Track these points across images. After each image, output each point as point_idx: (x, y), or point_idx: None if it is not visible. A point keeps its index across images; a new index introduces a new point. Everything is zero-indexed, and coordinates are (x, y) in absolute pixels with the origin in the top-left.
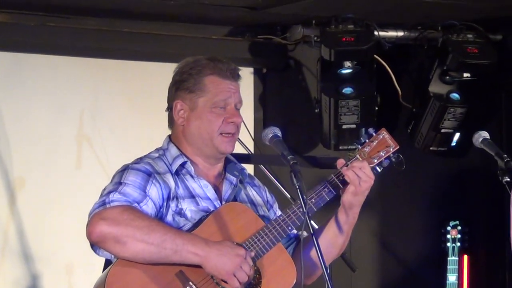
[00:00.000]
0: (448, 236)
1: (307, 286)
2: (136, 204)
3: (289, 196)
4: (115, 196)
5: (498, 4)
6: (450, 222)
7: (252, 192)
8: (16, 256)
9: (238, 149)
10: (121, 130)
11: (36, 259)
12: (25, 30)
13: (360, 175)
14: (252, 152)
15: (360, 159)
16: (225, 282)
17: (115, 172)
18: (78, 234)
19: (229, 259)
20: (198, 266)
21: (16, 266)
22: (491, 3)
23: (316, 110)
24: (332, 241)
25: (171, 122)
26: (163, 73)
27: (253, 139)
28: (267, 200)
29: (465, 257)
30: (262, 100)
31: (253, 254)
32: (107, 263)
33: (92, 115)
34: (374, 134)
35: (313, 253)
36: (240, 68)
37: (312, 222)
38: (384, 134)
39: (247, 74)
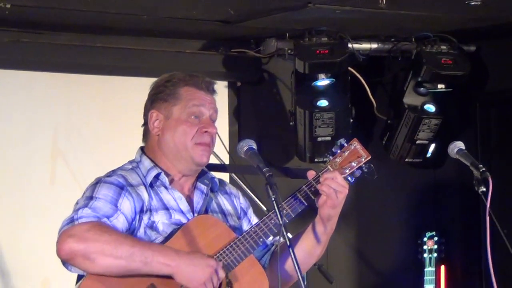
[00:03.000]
0: (425, 247)
1: None
2: (105, 219)
3: (264, 208)
4: (84, 212)
5: (471, 16)
6: (427, 233)
7: (223, 201)
8: None
9: (213, 161)
10: (95, 145)
11: (12, 275)
12: None
13: (334, 187)
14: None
15: (331, 169)
16: None
17: (88, 185)
18: (53, 250)
19: (200, 269)
20: (169, 277)
21: None
22: (464, 14)
23: (291, 123)
24: (309, 251)
25: (146, 135)
26: (137, 87)
27: (228, 152)
28: (241, 207)
29: (442, 267)
30: (236, 114)
31: (221, 264)
32: (80, 278)
33: (66, 130)
34: (345, 144)
35: (289, 262)
36: (216, 82)
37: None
38: (355, 144)
39: (221, 88)
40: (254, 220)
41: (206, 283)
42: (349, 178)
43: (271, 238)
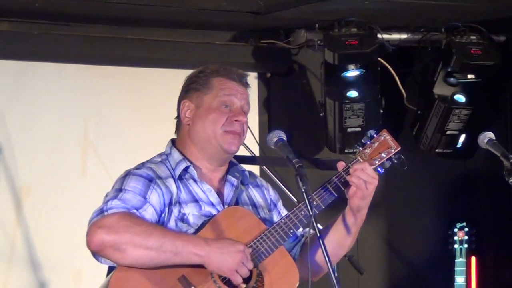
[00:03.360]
0: (456, 237)
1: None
2: (134, 210)
3: (295, 199)
4: (113, 203)
5: (501, 5)
6: (457, 224)
7: (253, 193)
8: (23, 264)
9: (243, 152)
10: (126, 137)
11: (44, 267)
12: (29, 38)
13: (364, 178)
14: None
15: (361, 160)
16: (226, 283)
17: (117, 178)
18: (84, 241)
19: (230, 256)
20: (200, 266)
21: (24, 274)
22: (494, 4)
23: (321, 114)
24: (339, 242)
25: (178, 127)
26: (167, 79)
27: (258, 143)
28: (271, 199)
29: (473, 258)
30: (266, 105)
31: (250, 250)
32: (111, 269)
33: (97, 122)
34: (375, 135)
35: (319, 253)
36: (249, 74)
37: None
38: (385, 135)
39: (251, 79)
40: (284, 212)
41: (238, 269)
42: (379, 169)
43: (301, 229)
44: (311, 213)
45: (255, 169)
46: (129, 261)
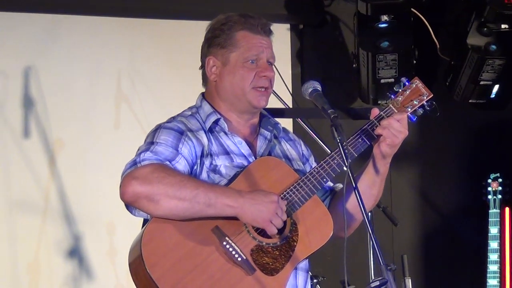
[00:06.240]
0: (489, 188)
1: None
2: (167, 162)
3: (328, 150)
4: (146, 155)
5: None
6: (491, 175)
7: (286, 147)
8: (58, 217)
9: (277, 104)
10: (159, 89)
11: (78, 220)
12: None
13: (393, 132)
14: (291, 107)
15: (393, 108)
16: (260, 233)
17: (149, 131)
18: (118, 194)
19: (264, 206)
20: (233, 218)
21: (58, 227)
22: None
23: (354, 65)
24: (368, 191)
25: (205, 80)
26: (197, 31)
27: (291, 94)
28: (303, 153)
29: (507, 209)
30: (299, 56)
31: (285, 202)
32: (145, 223)
33: (129, 74)
34: (407, 83)
35: (350, 205)
36: (275, 23)
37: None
38: (417, 82)
39: (283, 31)
40: None
41: (272, 219)
42: (411, 117)
43: (330, 183)
44: (346, 164)
45: (288, 121)
46: (162, 212)
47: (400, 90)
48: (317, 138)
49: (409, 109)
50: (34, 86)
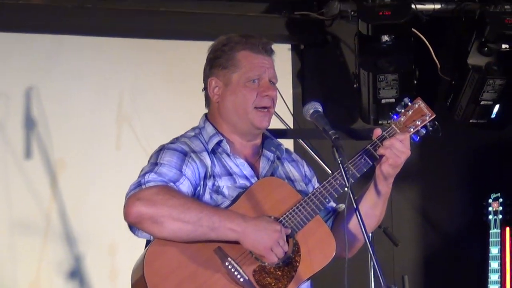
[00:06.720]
0: (490, 208)
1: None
2: (172, 184)
3: (329, 171)
4: (150, 176)
5: None
6: (492, 195)
7: (289, 168)
8: (59, 237)
9: (278, 124)
10: (161, 110)
11: (79, 240)
12: (63, 11)
13: (396, 152)
14: (291, 127)
15: (396, 128)
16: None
17: (153, 152)
18: (119, 215)
19: (266, 234)
20: (236, 242)
21: (59, 248)
22: None
23: (355, 85)
24: (370, 211)
25: (207, 101)
26: (200, 51)
27: (292, 115)
28: (305, 174)
29: (507, 229)
30: (300, 76)
31: (289, 231)
32: (148, 243)
33: (131, 95)
34: (409, 103)
35: (352, 225)
36: (277, 44)
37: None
38: (419, 103)
39: (285, 51)
40: None
41: (273, 248)
42: (414, 137)
43: (333, 204)
44: (347, 185)
45: (289, 141)
46: (166, 234)
47: (402, 110)
48: (318, 159)
49: (412, 129)
50: (35, 106)
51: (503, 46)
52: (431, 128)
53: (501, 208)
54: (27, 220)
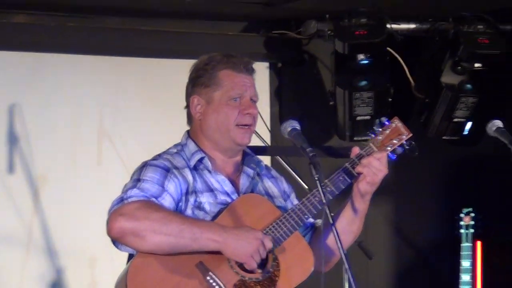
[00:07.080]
0: (462, 222)
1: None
2: (153, 199)
3: (306, 187)
4: (133, 192)
5: None
6: (464, 209)
7: (268, 184)
8: (41, 251)
9: (256, 142)
10: (141, 127)
11: (60, 254)
12: (45, 30)
13: (376, 166)
14: (269, 145)
15: (373, 147)
16: (244, 269)
17: (135, 169)
18: (100, 229)
19: (247, 242)
20: (217, 253)
21: (41, 261)
22: None
23: (331, 103)
24: (347, 228)
25: (189, 118)
26: (181, 69)
27: (270, 132)
28: (284, 190)
29: (479, 243)
30: (278, 94)
31: (270, 238)
32: (130, 257)
33: (112, 112)
34: (387, 123)
35: (330, 241)
36: (255, 62)
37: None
38: (397, 122)
39: (262, 69)
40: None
41: (253, 255)
42: (391, 155)
43: (311, 220)
44: (324, 201)
45: (267, 158)
46: (149, 248)
47: (380, 129)
48: (296, 176)
49: (389, 148)
50: (18, 123)
51: (476, 65)
52: (407, 147)
53: (472, 222)
54: (10, 234)
